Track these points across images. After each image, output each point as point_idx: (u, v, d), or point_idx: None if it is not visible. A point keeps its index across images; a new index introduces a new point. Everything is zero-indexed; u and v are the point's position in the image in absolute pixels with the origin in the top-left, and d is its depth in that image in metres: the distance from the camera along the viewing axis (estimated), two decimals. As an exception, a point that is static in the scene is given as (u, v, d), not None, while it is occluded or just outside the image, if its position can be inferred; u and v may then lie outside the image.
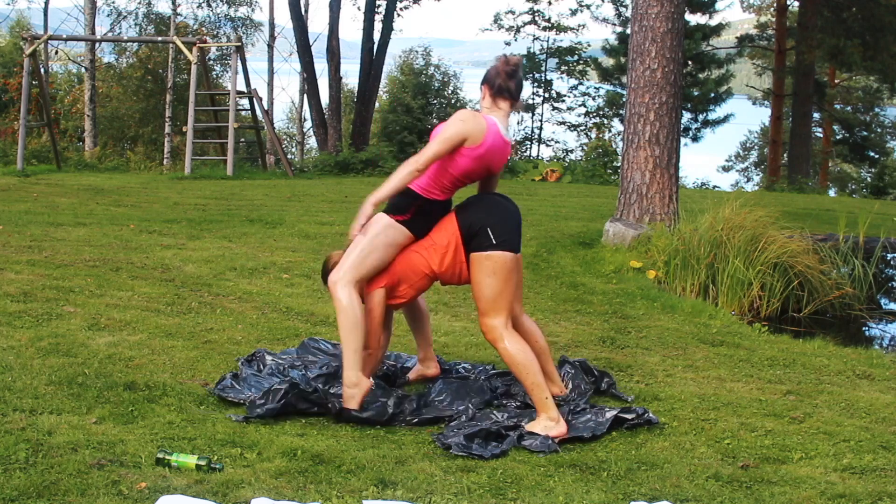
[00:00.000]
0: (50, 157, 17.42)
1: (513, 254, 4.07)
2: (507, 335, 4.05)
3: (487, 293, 4.04)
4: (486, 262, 4.04)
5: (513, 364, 4.03)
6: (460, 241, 4.11)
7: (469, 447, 3.67)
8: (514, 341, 4.05)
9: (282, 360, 4.60)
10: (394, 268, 4.18)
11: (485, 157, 4.06)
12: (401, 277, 4.19)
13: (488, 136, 4.04)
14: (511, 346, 4.03)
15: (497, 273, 4.03)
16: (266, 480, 3.28)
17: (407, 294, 4.24)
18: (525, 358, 4.03)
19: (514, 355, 4.02)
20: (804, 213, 11.67)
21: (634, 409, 4.07)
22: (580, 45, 28.23)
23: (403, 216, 4.14)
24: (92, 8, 22.70)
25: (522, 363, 4.01)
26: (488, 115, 4.11)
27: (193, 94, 16.40)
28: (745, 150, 38.06)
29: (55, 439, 3.51)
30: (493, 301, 4.04)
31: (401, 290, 4.22)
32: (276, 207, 10.66)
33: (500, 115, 4.16)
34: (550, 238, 8.67)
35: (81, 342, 4.80)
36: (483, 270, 4.04)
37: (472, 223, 4.09)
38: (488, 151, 4.06)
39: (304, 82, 25.07)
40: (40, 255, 6.95)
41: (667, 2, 8.35)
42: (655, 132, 8.40)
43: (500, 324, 4.05)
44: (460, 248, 4.12)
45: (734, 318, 6.57)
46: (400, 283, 4.20)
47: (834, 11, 22.01)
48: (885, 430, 4.10)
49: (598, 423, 3.98)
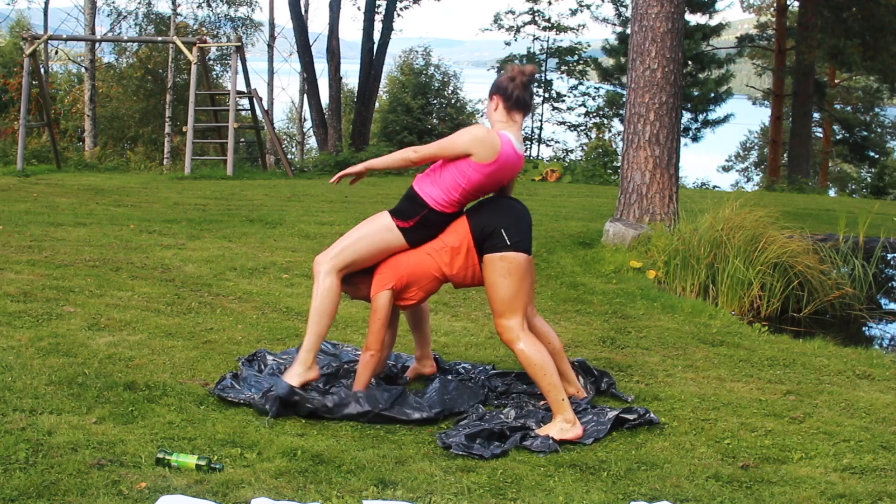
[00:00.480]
0: (50, 157, 17.42)
1: (526, 255, 4.08)
2: (524, 336, 4.05)
3: (503, 294, 4.04)
4: (500, 262, 4.04)
5: (529, 365, 4.03)
6: (472, 243, 4.10)
7: (469, 447, 3.67)
8: (531, 342, 4.05)
9: (283, 360, 4.60)
10: (403, 269, 4.16)
11: (497, 173, 4.06)
12: (410, 280, 4.17)
13: (501, 154, 4.03)
14: (527, 347, 4.03)
15: (512, 274, 4.04)
16: (266, 480, 3.28)
17: (416, 296, 4.23)
18: (541, 359, 4.03)
19: (530, 356, 4.02)
20: (804, 213, 11.67)
21: (636, 409, 4.07)
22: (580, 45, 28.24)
23: (406, 223, 4.13)
24: (92, 8, 22.71)
25: (539, 364, 4.01)
26: (503, 132, 4.08)
27: (193, 94, 16.40)
28: (745, 150, 38.06)
29: (55, 439, 3.51)
30: (510, 302, 4.04)
31: (410, 293, 4.20)
32: (276, 207, 10.66)
33: (514, 128, 4.14)
34: (550, 238, 8.67)
35: (81, 342, 4.80)
36: (498, 271, 4.04)
37: (486, 225, 4.08)
38: (501, 168, 4.06)
39: (304, 82, 25.08)
40: (40, 255, 6.95)
41: (667, 2, 8.35)
42: (655, 132, 8.40)
43: (517, 325, 4.05)
44: (472, 250, 4.11)
45: (734, 318, 6.57)
46: (410, 286, 4.18)
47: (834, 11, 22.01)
48: (885, 430, 4.10)
49: (600, 424, 3.98)
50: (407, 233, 4.13)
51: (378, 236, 4.14)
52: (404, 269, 4.16)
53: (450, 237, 4.14)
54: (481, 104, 27.48)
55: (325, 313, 4.13)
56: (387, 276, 4.16)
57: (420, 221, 4.12)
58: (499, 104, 4.14)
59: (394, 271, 4.16)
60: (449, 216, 4.14)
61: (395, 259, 4.19)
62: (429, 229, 4.15)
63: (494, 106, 4.16)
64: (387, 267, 4.19)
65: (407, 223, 4.13)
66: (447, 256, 4.13)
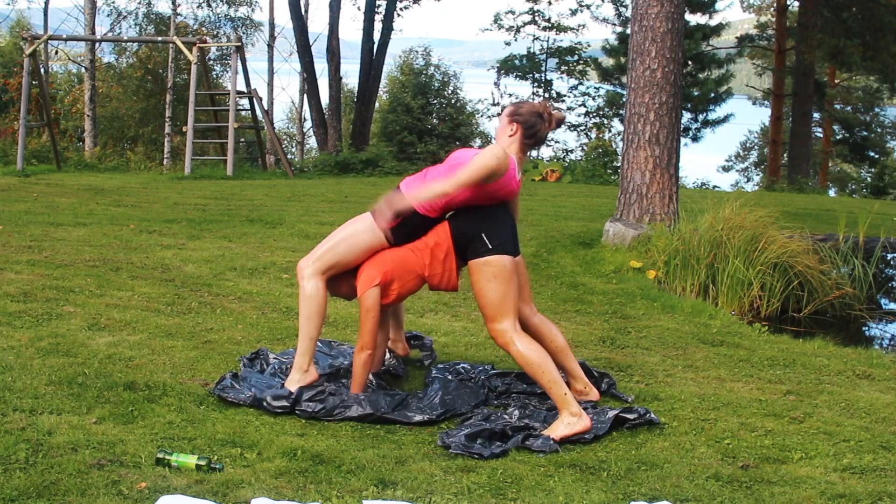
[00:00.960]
0: (50, 157, 17.42)
1: (510, 257, 4.08)
2: (518, 337, 4.05)
3: (491, 298, 4.05)
4: (484, 267, 4.05)
5: (527, 365, 4.03)
6: (452, 247, 4.13)
7: (469, 446, 3.67)
8: (525, 342, 4.06)
9: (285, 360, 4.61)
10: (388, 264, 4.18)
11: (490, 190, 4.07)
12: (394, 275, 4.19)
13: (505, 177, 4.05)
14: (523, 347, 4.04)
15: (497, 277, 4.04)
16: (266, 480, 3.28)
17: (396, 293, 4.23)
18: (538, 357, 4.03)
19: (526, 356, 4.02)
20: (804, 213, 11.67)
21: (636, 408, 4.07)
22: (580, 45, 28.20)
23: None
24: (92, 8, 22.71)
25: (536, 363, 4.01)
26: (511, 157, 4.10)
27: (193, 94, 16.40)
28: (745, 150, 38.06)
29: (55, 439, 3.51)
30: (499, 306, 4.04)
31: (391, 289, 4.21)
32: (276, 207, 10.66)
33: (520, 157, 4.18)
34: (550, 238, 8.67)
35: (81, 342, 4.80)
36: (484, 276, 4.05)
37: (466, 231, 4.10)
38: (497, 188, 4.07)
39: (304, 82, 25.08)
40: (40, 255, 6.96)
41: (667, 2, 8.35)
42: (655, 132, 8.40)
43: (509, 327, 4.06)
44: (451, 254, 4.14)
45: (734, 318, 6.57)
46: (393, 281, 4.20)
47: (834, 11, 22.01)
48: (885, 430, 4.10)
49: (600, 423, 3.98)
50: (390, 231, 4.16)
51: (360, 237, 4.19)
52: (389, 263, 4.18)
53: (431, 238, 4.17)
54: (481, 104, 27.53)
55: (312, 316, 4.19)
56: (372, 272, 4.16)
57: (402, 223, 4.15)
58: (517, 134, 4.14)
59: (379, 267, 4.17)
60: (431, 220, 4.18)
61: (379, 255, 4.21)
62: (410, 231, 4.18)
63: (511, 132, 4.14)
64: (371, 264, 4.19)
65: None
66: (427, 256, 4.16)
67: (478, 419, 3.99)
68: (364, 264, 4.21)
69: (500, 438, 3.80)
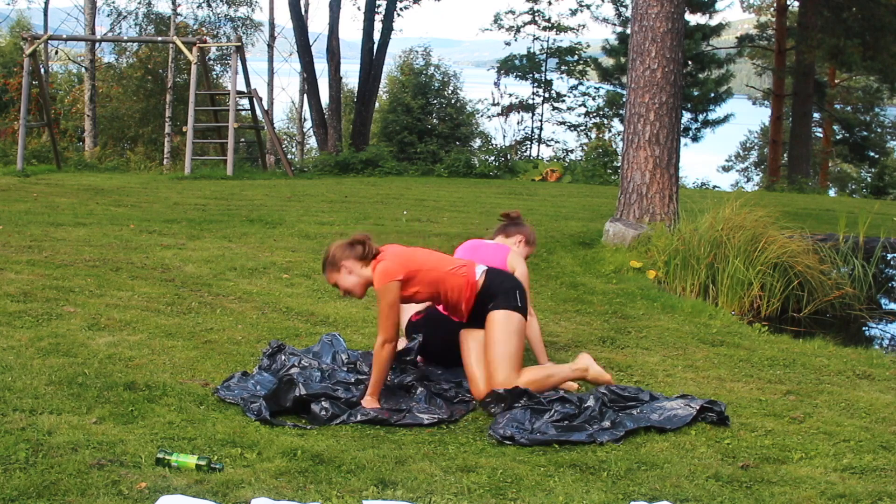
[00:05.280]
0: (50, 157, 17.41)
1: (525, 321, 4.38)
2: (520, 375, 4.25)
3: (511, 350, 4.26)
4: (510, 319, 4.28)
5: (541, 385, 4.25)
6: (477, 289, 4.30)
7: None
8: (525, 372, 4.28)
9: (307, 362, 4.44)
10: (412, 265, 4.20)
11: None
12: (418, 276, 4.20)
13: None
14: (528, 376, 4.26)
15: (518, 334, 4.30)
16: (266, 480, 3.28)
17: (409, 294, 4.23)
18: (543, 372, 4.33)
19: (536, 379, 4.26)
20: (804, 213, 11.67)
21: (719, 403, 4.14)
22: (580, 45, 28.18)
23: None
24: (92, 8, 22.70)
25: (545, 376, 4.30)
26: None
27: (193, 94, 16.40)
28: (745, 150, 38.06)
29: (55, 439, 3.51)
30: (510, 358, 4.24)
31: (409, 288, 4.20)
32: (276, 207, 10.66)
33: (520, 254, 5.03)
34: (550, 238, 8.67)
35: (81, 342, 4.80)
36: (508, 328, 4.27)
37: (503, 281, 4.35)
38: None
39: (304, 82, 25.08)
40: (40, 255, 6.95)
41: (667, 2, 8.35)
42: (655, 132, 8.40)
43: (516, 377, 4.23)
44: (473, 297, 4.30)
45: (734, 318, 6.57)
46: (412, 280, 4.20)
47: (834, 11, 22.01)
48: (885, 430, 4.10)
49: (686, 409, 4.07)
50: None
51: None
52: (413, 264, 4.21)
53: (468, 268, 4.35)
54: (481, 104, 27.59)
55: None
56: (395, 267, 4.15)
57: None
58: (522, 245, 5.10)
59: (403, 264, 4.17)
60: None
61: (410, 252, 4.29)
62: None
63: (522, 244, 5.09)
64: (396, 259, 4.19)
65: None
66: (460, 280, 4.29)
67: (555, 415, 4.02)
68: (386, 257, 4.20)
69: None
